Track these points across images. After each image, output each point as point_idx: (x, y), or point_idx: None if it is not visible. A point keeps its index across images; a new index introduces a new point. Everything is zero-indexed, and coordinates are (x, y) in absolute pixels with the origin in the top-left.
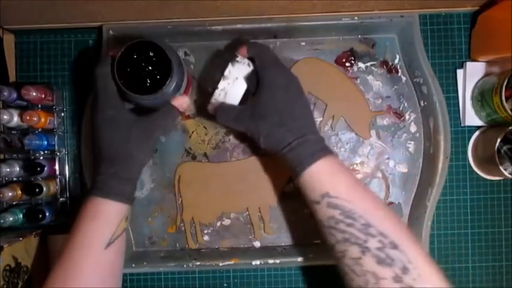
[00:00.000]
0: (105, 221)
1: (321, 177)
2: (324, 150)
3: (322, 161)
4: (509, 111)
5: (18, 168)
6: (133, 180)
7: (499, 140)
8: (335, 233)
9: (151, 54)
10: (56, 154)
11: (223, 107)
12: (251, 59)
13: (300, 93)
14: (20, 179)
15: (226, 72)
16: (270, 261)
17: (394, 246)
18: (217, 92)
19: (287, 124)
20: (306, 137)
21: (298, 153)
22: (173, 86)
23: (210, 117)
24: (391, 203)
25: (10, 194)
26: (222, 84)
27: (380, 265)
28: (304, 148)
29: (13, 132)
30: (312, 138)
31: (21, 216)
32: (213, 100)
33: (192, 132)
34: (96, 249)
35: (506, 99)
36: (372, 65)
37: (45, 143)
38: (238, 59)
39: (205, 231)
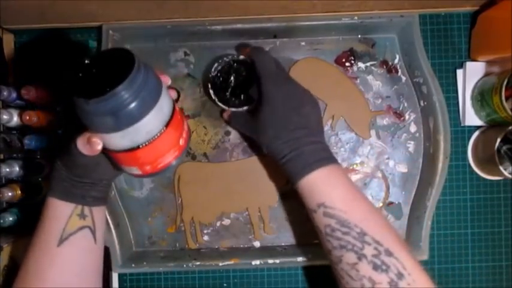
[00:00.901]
0: (53, 218)
1: (314, 188)
2: (320, 161)
3: (318, 171)
4: (509, 111)
5: (18, 168)
6: (80, 187)
7: (499, 140)
8: (331, 240)
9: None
10: (56, 154)
11: (234, 113)
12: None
13: (300, 104)
14: (20, 179)
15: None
16: (270, 261)
17: (389, 253)
18: (240, 109)
19: (282, 137)
20: (302, 149)
21: (294, 165)
22: (120, 103)
23: (209, 117)
24: (391, 203)
25: (10, 194)
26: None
27: (376, 271)
28: (300, 159)
29: (13, 132)
30: (308, 149)
31: (21, 216)
32: (230, 109)
33: (192, 132)
34: (49, 247)
35: (506, 99)
36: (371, 65)
37: (45, 143)
38: None
39: (205, 231)
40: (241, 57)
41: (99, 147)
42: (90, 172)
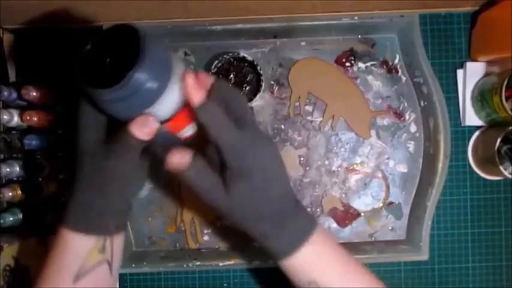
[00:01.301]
0: (68, 253)
1: (304, 266)
2: (306, 232)
3: (307, 246)
4: (509, 111)
5: (18, 168)
6: (104, 214)
7: (499, 140)
8: None
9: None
10: (56, 154)
11: (197, 166)
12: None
13: (276, 164)
14: (20, 179)
15: None
16: (270, 261)
17: None
18: None
19: (264, 214)
20: (285, 223)
21: (278, 243)
22: (144, 81)
23: None
24: (391, 203)
25: (10, 194)
26: None
27: None
28: (284, 235)
29: (13, 132)
30: (292, 221)
31: (21, 216)
32: None
33: None
34: (63, 284)
35: (506, 99)
36: (372, 65)
37: (45, 143)
38: None
39: (205, 231)
40: (242, 54)
41: (156, 124)
42: (117, 182)
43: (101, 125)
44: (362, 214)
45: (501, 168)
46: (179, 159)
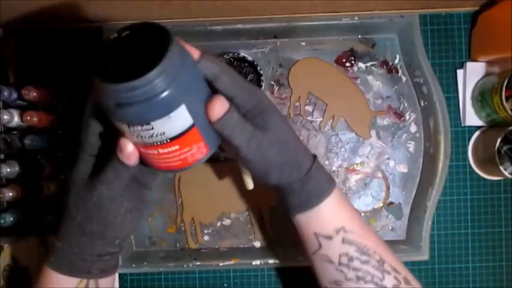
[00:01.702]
0: None
1: (331, 213)
2: (332, 181)
3: (334, 193)
4: (509, 111)
5: (18, 168)
6: (87, 257)
7: (499, 140)
8: (346, 271)
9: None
10: (57, 154)
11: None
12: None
13: (283, 118)
14: (20, 179)
15: None
16: (270, 261)
17: (407, 281)
18: None
19: (293, 164)
20: (312, 172)
21: (308, 191)
22: (164, 85)
23: None
24: (391, 203)
25: (10, 194)
26: None
27: None
28: (314, 183)
29: (13, 132)
30: (317, 170)
31: (21, 216)
32: None
33: None
34: None
35: (506, 99)
36: (372, 65)
37: (45, 143)
38: None
39: (205, 231)
40: (242, 54)
41: (131, 147)
42: (99, 219)
43: (94, 155)
44: (362, 214)
45: (501, 168)
46: (221, 105)
